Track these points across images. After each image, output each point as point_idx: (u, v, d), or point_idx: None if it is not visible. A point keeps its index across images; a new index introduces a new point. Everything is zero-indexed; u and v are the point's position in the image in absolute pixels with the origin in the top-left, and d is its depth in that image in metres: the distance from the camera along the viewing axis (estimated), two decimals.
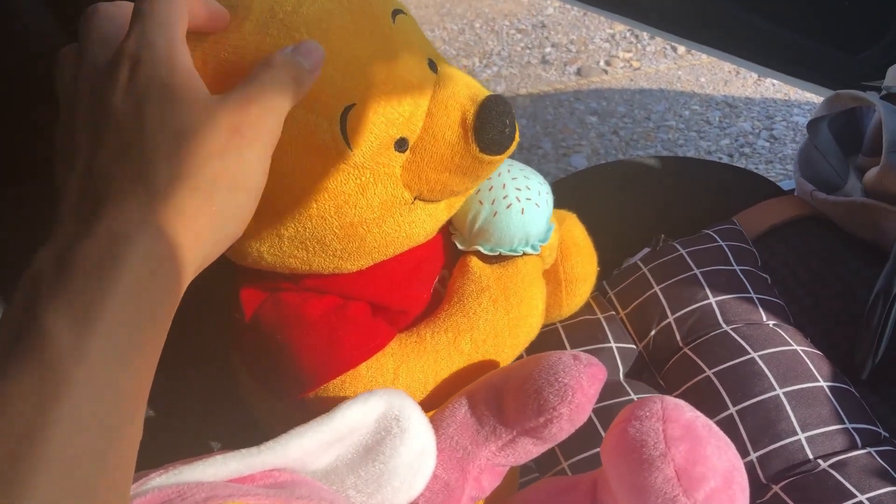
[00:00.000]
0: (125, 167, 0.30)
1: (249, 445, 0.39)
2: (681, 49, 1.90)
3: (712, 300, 0.59)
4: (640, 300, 0.62)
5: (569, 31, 2.02)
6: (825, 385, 0.54)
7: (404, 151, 0.43)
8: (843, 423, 0.52)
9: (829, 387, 0.54)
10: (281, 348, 0.46)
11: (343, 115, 0.40)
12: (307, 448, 0.39)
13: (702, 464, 0.40)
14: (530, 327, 0.52)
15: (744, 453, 0.51)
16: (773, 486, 0.51)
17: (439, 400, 0.48)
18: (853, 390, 0.55)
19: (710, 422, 0.42)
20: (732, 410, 0.53)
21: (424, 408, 0.44)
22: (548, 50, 1.97)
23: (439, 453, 0.44)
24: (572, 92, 1.81)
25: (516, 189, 0.51)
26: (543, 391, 0.43)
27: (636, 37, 1.96)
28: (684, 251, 0.63)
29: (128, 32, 0.33)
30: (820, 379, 0.54)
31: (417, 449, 0.42)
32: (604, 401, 0.55)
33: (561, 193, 0.78)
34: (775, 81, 1.75)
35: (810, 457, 0.50)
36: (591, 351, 0.59)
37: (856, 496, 0.47)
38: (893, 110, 0.64)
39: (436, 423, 0.45)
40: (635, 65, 1.88)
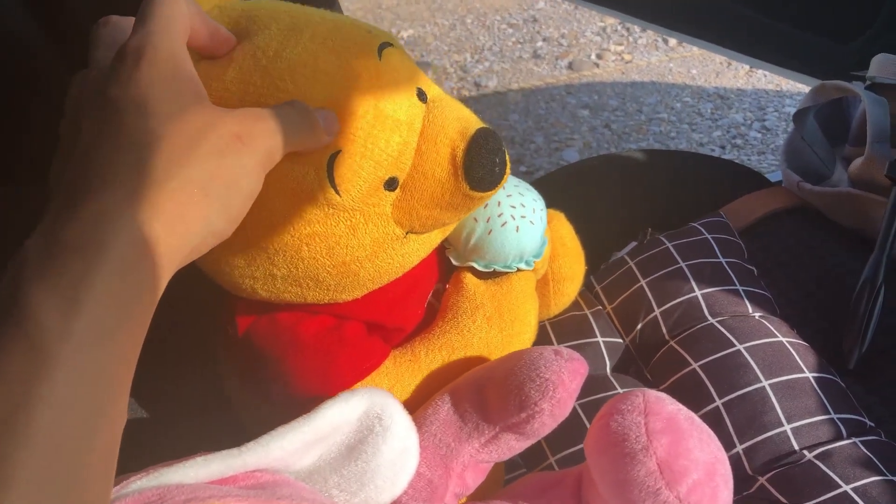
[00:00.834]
0: (124, 155, 0.31)
1: (233, 447, 0.39)
2: (672, 41, 1.90)
3: (698, 293, 0.59)
4: (627, 294, 0.62)
5: (560, 26, 2.02)
6: (811, 376, 0.54)
7: (394, 190, 0.43)
8: (829, 413, 0.52)
9: (815, 377, 0.54)
10: (275, 366, 0.46)
11: (329, 162, 0.39)
12: (289, 448, 0.39)
13: (684, 456, 0.40)
14: (523, 343, 0.52)
15: (730, 445, 0.51)
16: (760, 477, 0.51)
17: None
18: (839, 381, 0.55)
19: (692, 414, 0.43)
20: (718, 403, 0.53)
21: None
22: (539, 44, 1.97)
23: (423, 451, 0.44)
24: (564, 86, 1.81)
25: (511, 206, 0.51)
26: (525, 387, 0.43)
27: (627, 30, 1.96)
28: (670, 244, 0.63)
29: (131, 34, 0.33)
30: (805, 370, 0.54)
31: (400, 447, 0.42)
32: (591, 395, 0.55)
33: (548, 188, 0.78)
34: (767, 73, 1.75)
35: (796, 448, 0.50)
36: (577, 346, 0.59)
37: (840, 486, 0.47)
38: (877, 100, 0.64)
39: (419, 420, 0.45)
40: (627, 58, 1.87)
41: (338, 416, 0.41)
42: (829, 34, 0.90)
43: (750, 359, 0.54)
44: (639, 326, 0.60)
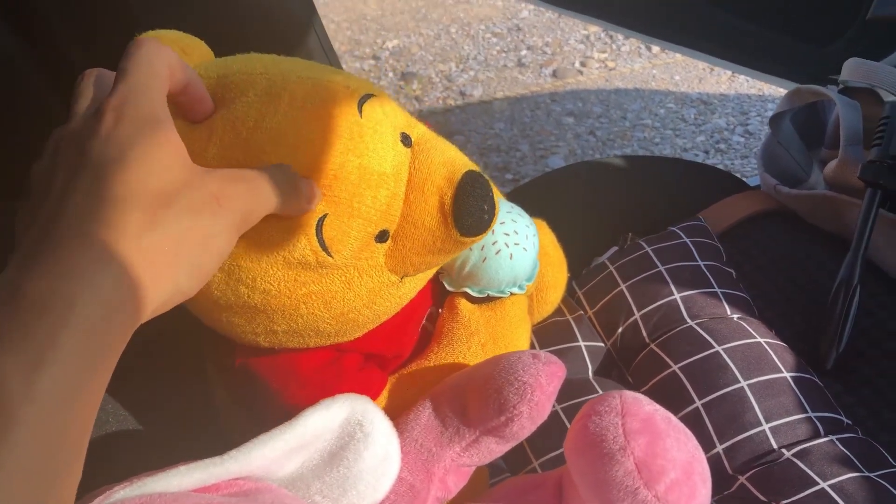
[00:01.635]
0: (98, 210, 0.30)
1: (215, 455, 0.40)
2: (655, 48, 1.91)
3: (677, 296, 0.60)
4: (607, 298, 0.62)
5: (544, 34, 2.04)
6: (788, 376, 0.54)
7: (386, 241, 0.43)
8: (806, 412, 0.53)
9: (793, 377, 0.54)
10: (273, 397, 0.46)
11: (318, 227, 0.39)
12: (271, 456, 0.40)
13: (661, 456, 0.40)
14: None
15: (710, 446, 0.52)
16: (740, 476, 0.51)
17: None
18: (816, 380, 0.56)
19: (669, 414, 0.43)
20: (698, 404, 0.54)
21: None
22: (523, 53, 1.98)
23: (404, 456, 0.45)
24: (548, 94, 1.82)
25: (504, 234, 0.51)
26: (503, 390, 0.43)
27: (611, 37, 1.98)
28: (649, 249, 0.64)
29: (111, 90, 0.33)
30: (783, 370, 0.55)
31: (381, 453, 0.43)
32: (573, 398, 0.56)
33: (530, 195, 0.79)
34: (749, 78, 1.77)
35: (774, 447, 0.51)
36: (559, 350, 0.60)
37: (818, 483, 0.48)
38: (850, 104, 0.65)
39: (400, 426, 0.46)
40: (610, 65, 1.89)
41: (319, 423, 0.42)
42: (808, 39, 0.91)
43: (728, 360, 0.55)
44: (619, 330, 0.61)
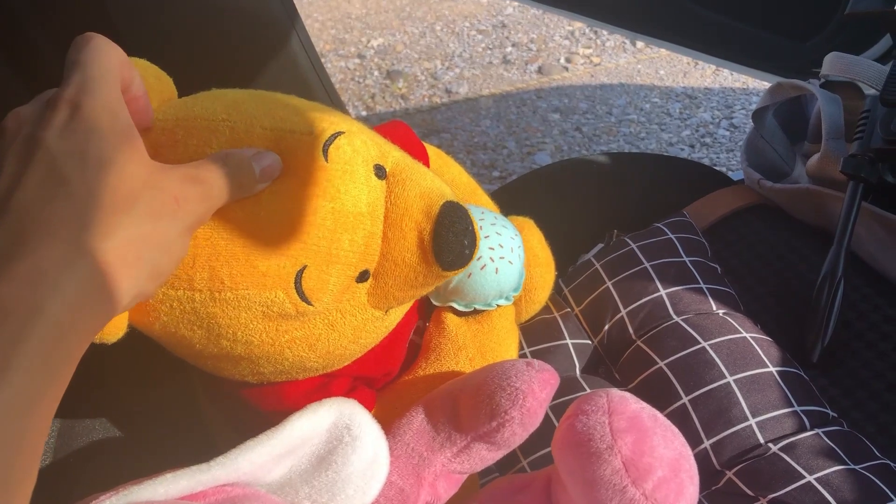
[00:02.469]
0: (54, 207, 0.29)
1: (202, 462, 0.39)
2: (640, 43, 1.92)
3: (663, 292, 0.60)
4: (594, 296, 0.63)
5: (529, 30, 2.04)
6: (774, 370, 0.55)
7: (367, 280, 0.42)
8: (792, 406, 0.53)
9: (779, 371, 0.55)
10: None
11: (297, 280, 0.39)
12: (258, 462, 0.40)
13: (648, 454, 0.41)
14: None
15: (697, 441, 0.52)
16: (727, 471, 0.52)
17: None
18: (802, 373, 0.57)
19: (655, 412, 0.43)
20: (685, 400, 0.54)
21: None
22: (508, 49, 1.98)
23: (395, 460, 0.45)
24: (534, 90, 1.83)
25: (489, 249, 0.51)
26: (496, 395, 0.43)
27: (595, 33, 1.98)
28: (635, 245, 0.64)
29: (64, 80, 0.32)
30: (769, 364, 0.55)
31: (370, 457, 0.43)
32: (561, 397, 0.56)
33: (517, 192, 0.79)
34: (733, 71, 1.77)
35: (761, 441, 0.51)
36: (547, 348, 0.60)
37: (805, 477, 0.48)
38: (831, 98, 0.65)
39: (393, 430, 0.46)
40: (595, 60, 1.89)
41: (307, 427, 0.42)
42: (789, 33, 0.92)
43: (714, 355, 0.55)
44: (606, 327, 0.61)
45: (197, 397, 0.53)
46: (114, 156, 0.31)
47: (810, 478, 0.48)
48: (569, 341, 0.61)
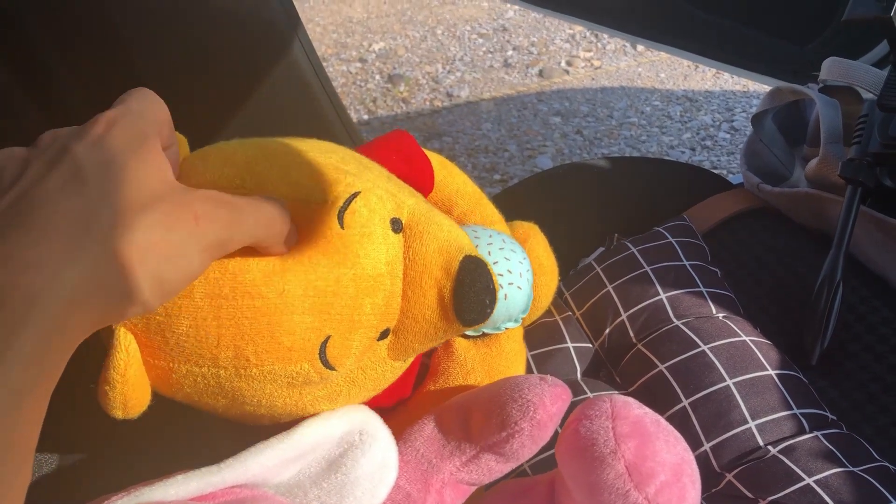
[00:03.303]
0: (67, 204, 0.29)
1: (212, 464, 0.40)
2: (640, 46, 1.93)
3: (663, 296, 0.61)
4: (594, 299, 0.63)
5: (530, 34, 2.05)
6: (773, 373, 0.55)
7: (387, 337, 0.42)
8: (791, 409, 0.54)
9: (778, 374, 0.55)
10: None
11: (322, 351, 0.39)
12: (267, 465, 0.40)
13: (651, 459, 0.41)
14: None
15: (697, 444, 0.53)
16: (727, 474, 0.52)
17: None
18: (801, 376, 0.57)
19: (658, 417, 0.44)
20: (685, 403, 0.55)
21: None
22: (509, 53, 1.99)
23: (404, 465, 0.46)
24: (535, 93, 1.83)
25: (498, 275, 0.50)
26: (507, 406, 0.44)
27: (596, 36, 1.99)
28: (635, 249, 0.65)
29: (112, 107, 0.33)
30: (769, 367, 0.56)
31: (379, 460, 0.43)
32: None
33: (518, 196, 0.80)
34: (733, 75, 1.78)
35: (761, 444, 0.52)
36: (548, 352, 0.61)
37: (804, 479, 0.49)
38: (829, 102, 0.66)
39: (404, 436, 0.47)
40: (596, 64, 1.90)
41: (319, 433, 0.42)
42: (788, 38, 0.93)
43: (714, 359, 0.56)
44: (607, 331, 0.62)
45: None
46: (137, 168, 0.31)
47: (809, 480, 0.49)
48: (570, 345, 0.61)
